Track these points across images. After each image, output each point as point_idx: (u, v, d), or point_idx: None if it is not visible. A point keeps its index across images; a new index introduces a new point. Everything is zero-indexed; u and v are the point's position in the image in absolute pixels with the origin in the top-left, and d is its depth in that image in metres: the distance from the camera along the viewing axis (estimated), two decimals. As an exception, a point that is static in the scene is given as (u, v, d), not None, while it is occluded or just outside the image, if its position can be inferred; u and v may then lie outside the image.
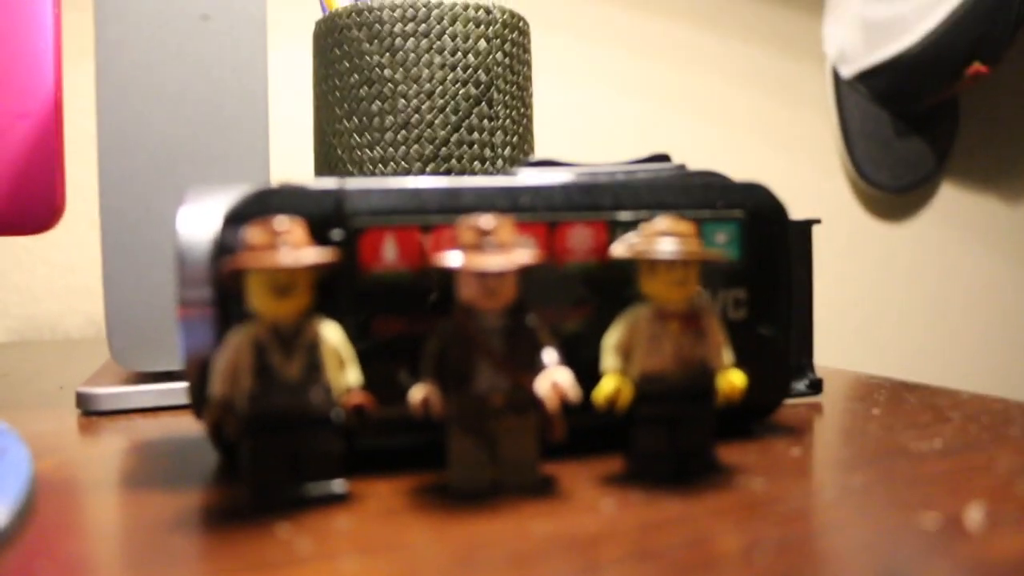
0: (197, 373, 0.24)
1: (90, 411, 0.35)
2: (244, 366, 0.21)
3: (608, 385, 0.22)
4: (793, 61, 1.11)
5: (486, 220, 0.22)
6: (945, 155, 1.17)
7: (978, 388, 0.34)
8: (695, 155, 1.00)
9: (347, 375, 0.22)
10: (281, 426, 0.21)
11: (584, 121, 0.98)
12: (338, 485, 0.22)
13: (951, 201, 1.22)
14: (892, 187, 1.13)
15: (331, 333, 0.22)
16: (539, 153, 0.62)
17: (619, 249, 0.24)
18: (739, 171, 0.28)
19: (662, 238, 0.23)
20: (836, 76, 1.10)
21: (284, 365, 0.21)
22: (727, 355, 0.23)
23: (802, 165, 1.11)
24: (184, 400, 0.35)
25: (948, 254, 1.22)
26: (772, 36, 1.09)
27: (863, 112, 1.10)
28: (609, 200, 0.26)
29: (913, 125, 1.13)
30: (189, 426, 0.31)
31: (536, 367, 0.22)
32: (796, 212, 0.29)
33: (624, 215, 0.26)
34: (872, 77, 1.07)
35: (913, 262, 1.19)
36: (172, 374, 0.37)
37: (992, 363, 1.25)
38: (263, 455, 0.21)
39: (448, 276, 0.23)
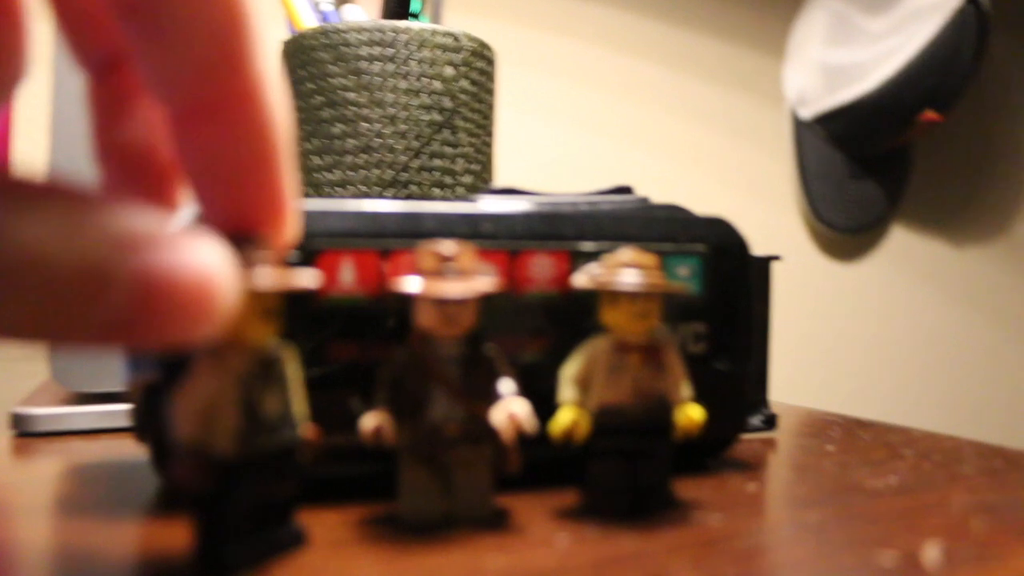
0: (141, 395, 0.23)
1: (26, 432, 0.34)
2: (227, 401, 0.17)
3: (565, 417, 0.22)
4: (753, 102, 1.12)
5: (448, 246, 0.21)
6: (897, 199, 1.19)
7: (922, 424, 0.34)
8: (654, 190, 1.00)
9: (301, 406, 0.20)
10: (262, 469, 0.18)
11: (543, 153, 0.98)
12: (297, 527, 0.20)
13: (901, 243, 1.24)
14: (845, 228, 1.15)
15: (294, 361, 0.20)
16: (499, 183, 0.62)
17: (581, 279, 0.24)
18: (698, 207, 0.28)
19: (625, 269, 0.22)
20: (795, 118, 1.12)
21: (265, 400, 0.18)
22: (686, 389, 0.23)
23: (759, 203, 1.13)
24: (126, 423, 0.34)
25: (897, 294, 1.24)
26: (734, 77, 1.11)
27: (820, 154, 1.12)
28: (571, 230, 0.26)
29: (867, 168, 1.15)
30: (130, 450, 0.30)
31: (493, 397, 0.22)
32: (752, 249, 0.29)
33: (586, 245, 0.26)
34: (830, 120, 1.09)
35: (863, 301, 1.21)
36: (113, 395, 0.36)
37: (937, 401, 1.27)
38: (240, 506, 0.18)
39: (406, 302, 0.23)
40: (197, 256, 0.14)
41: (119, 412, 0.34)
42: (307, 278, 0.19)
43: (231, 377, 0.18)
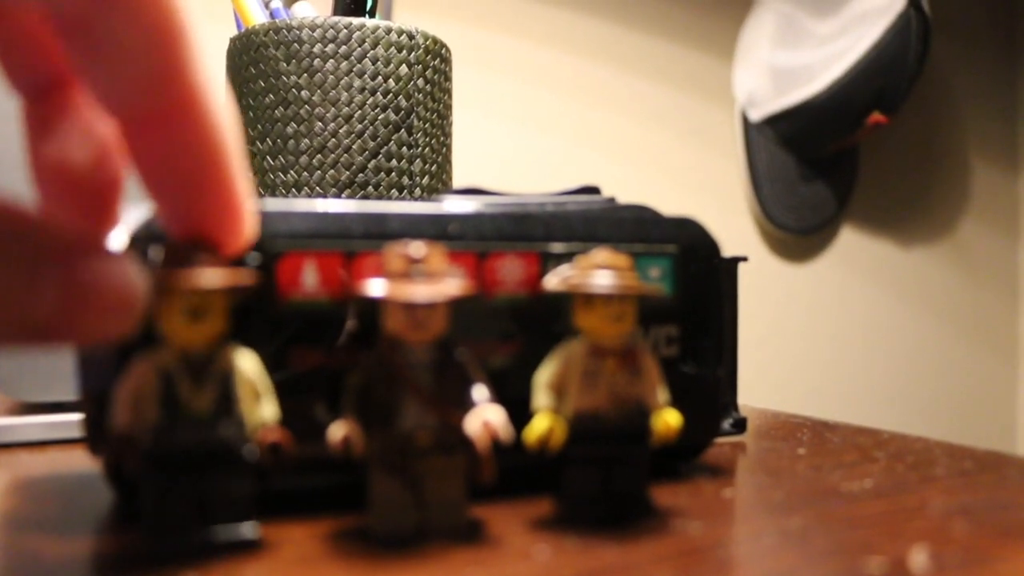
0: (94, 404, 0.22)
1: (-33, 445, 0.32)
2: (148, 396, 0.19)
3: (540, 424, 0.21)
4: (704, 103, 1.13)
5: (416, 247, 0.21)
6: (845, 200, 1.21)
7: (872, 422, 0.34)
8: (605, 191, 1.01)
9: (263, 409, 0.20)
10: (188, 464, 0.19)
11: (495, 154, 0.98)
12: (248, 529, 0.20)
13: (849, 243, 1.26)
14: (796, 228, 1.16)
15: (247, 363, 0.20)
16: (456, 184, 0.61)
17: (553, 282, 0.23)
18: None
19: (599, 271, 0.22)
20: (745, 119, 1.13)
21: (193, 397, 0.19)
22: (663, 394, 0.23)
23: (710, 204, 1.14)
24: (77, 434, 0.32)
25: (848, 295, 1.26)
26: (685, 79, 1.11)
27: (770, 155, 1.13)
28: (540, 231, 0.25)
29: (816, 170, 1.16)
30: (82, 462, 0.29)
31: (466, 404, 0.21)
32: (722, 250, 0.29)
33: (556, 247, 0.25)
34: (780, 121, 1.10)
35: (814, 302, 1.23)
36: (63, 405, 0.35)
37: (885, 398, 1.29)
38: (167, 495, 0.19)
39: (369, 305, 0.22)
40: (115, 264, 0.16)
41: (68, 422, 0.33)
42: (242, 277, 0.19)
43: (152, 372, 0.19)
